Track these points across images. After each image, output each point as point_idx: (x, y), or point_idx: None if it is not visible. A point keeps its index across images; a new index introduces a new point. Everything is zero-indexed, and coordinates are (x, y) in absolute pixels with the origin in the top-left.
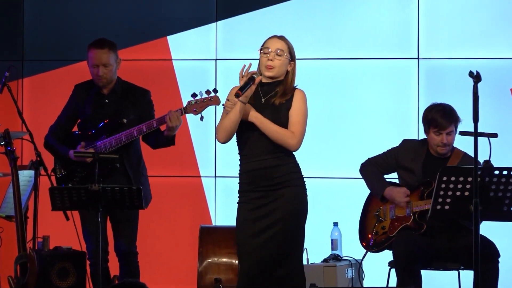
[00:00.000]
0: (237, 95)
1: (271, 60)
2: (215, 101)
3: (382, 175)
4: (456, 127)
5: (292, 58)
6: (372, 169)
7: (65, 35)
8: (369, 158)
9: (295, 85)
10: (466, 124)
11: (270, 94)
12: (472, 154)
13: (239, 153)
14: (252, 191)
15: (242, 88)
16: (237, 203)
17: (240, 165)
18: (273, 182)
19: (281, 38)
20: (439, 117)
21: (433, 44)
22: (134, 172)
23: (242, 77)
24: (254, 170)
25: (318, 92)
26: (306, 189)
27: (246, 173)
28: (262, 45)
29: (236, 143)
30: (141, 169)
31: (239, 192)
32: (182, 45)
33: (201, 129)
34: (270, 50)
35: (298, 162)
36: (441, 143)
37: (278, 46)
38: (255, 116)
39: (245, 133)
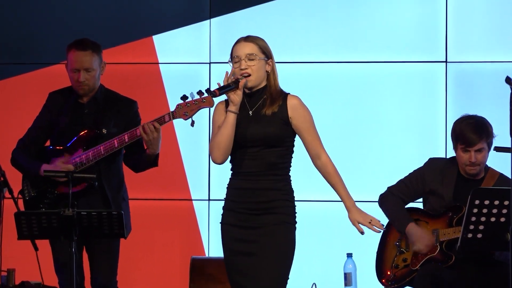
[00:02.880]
0: (213, 94)
1: (245, 68)
2: (208, 102)
3: (406, 204)
4: (488, 144)
5: (268, 56)
6: (393, 201)
7: (33, 35)
8: (389, 188)
9: (284, 90)
10: (502, 138)
11: (257, 104)
12: (508, 174)
13: (231, 169)
14: (234, 210)
15: (221, 88)
16: (220, 222)
17: (230, 179)
18: (261, 206)
19: (249, 39)
20: (468, 131)
21: (463, 45)
22: (113, 195)
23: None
24: (241, 188)
25: (328, 101)
26: (296, 222)
27: (233, 189)
28: (231, 54)
29: (229, 160)
30: (123, 192)
31: (223, 208)
32: (170, 46)
33: (192, 144)
34: (240, 57)
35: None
36: (469, 161)
37: (246, 51)
38: (351, 205)
39: (239, 150)
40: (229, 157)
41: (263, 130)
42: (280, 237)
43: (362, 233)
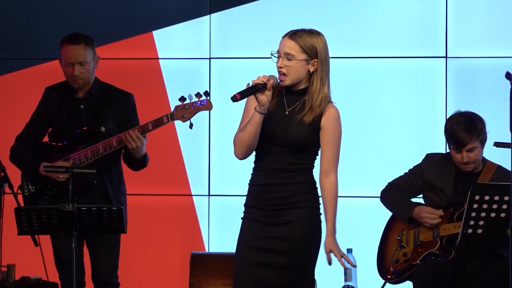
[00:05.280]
0: (234, 98)
1: (281, 67)
2: (207, 106)
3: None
4: (481, 141)
5: (311, 56)
6: (394, 193)
7: (32, 29)
8: (389, 183)
9: (330, 99)
10: (502, 133)
11: (295, 105)
12: (508, 167)
13: (254, 162)
14: (258, 208)
15: (244, 92)
16: (242, 218)
17: (252, 174)
18: (283, 201)
19: (292, 36)
20: (459, 130)
21: (463, 40)
22: (114, 190)
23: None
24: (264, 185)
25: None
26: (320, 213)
27: (255, 186)
28: None
29: (254, 155)
30: (122, 187)
31: (244, 205)
32: (170, 42)
33: (192, 140)
34: (279, 54)
35: (315, 181)
36: (462, 161)
37: (285, 49)
38: (330, 237)
39: (265, 146)
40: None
41: (292, 133)
42: (308, 234)
43: (330, 263)
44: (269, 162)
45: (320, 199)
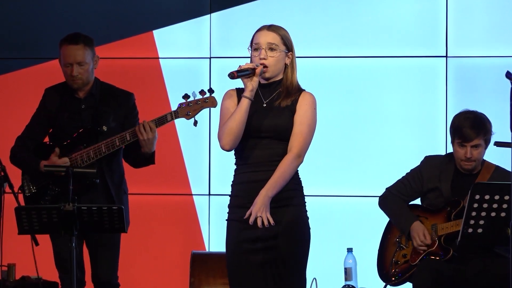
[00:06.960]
0: (231, 76)
1: (264, 58)
2: (211, 102)
3: (407, 203)
4: (486, 141)
5: (288, 48)
6: (394, 201)
7: (32, 29)
8: (388, 188)
9: (302, 87)
10: (502, 133)
11: (272, 96)
12: (508, 168)
13: (235, 163)
14: (243, 207)
15: (240, 71)
16: (226, 220)
17: (234, 175)
18: (273, 198)
19: (271, 28)
20: (466, 126)
21: (463, 40)
22: (116, 189)
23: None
24: (248, 182)
25: (329, 95)
26: (307, 210)
27: (239, 184)
28: (251, 41)
29: (234, 152)
30: (124, 186)
31: (228, 206)
32: (170, 41)
33: (192, 139)
34: (261, 46)
35: (301, 178)
36: (465, 157)
37: (269, 40)
38: (264, 194)
39: (250, 140)
40: (234, 149)
41: (274, 121)
42: (300, 233)
43: (244, 218)
44: (256, 156)
45: (306, 198)
